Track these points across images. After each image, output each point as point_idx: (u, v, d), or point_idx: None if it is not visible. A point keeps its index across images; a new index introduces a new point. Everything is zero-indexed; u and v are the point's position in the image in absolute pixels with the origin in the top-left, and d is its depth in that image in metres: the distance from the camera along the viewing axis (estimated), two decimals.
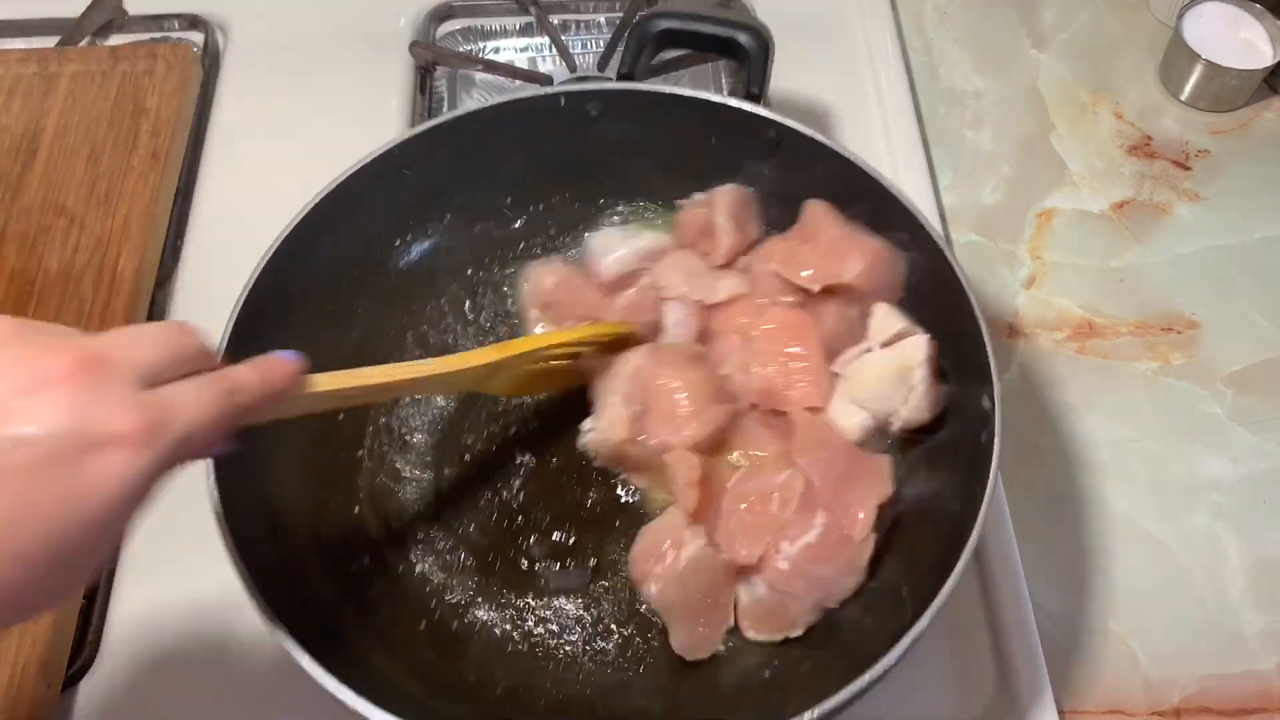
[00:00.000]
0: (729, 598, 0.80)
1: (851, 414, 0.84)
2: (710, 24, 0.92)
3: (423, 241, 0.94)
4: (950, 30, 1.26)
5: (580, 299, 0.92)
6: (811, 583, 0.77)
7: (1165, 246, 1.09)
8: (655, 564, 0.79)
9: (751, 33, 0.91)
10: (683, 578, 0.78)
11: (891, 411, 0.82)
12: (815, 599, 0.78)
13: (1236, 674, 0.86)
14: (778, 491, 0.79)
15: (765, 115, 0.87)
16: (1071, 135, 1.17)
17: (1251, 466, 0.96)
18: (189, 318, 0.98)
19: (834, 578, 0.78)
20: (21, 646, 0.80)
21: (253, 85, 1.18)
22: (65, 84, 1.13)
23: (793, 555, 0.77)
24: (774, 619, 0.79)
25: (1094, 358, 1.02)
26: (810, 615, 0.79)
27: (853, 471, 0.80)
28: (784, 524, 0.78)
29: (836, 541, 0.77)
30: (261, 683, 0.81)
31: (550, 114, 0.91)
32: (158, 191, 1.05)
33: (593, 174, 0.96)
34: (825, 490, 0.79)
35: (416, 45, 1.19)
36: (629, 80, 0.92)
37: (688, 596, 0.78)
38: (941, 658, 0.84)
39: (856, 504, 0.78)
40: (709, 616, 0.79)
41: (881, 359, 0.83)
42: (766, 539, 0.78)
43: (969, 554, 0.68)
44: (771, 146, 0.88)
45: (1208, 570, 0.90)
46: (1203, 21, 1.17)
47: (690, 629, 0.79)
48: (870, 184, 0.84)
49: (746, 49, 0.91)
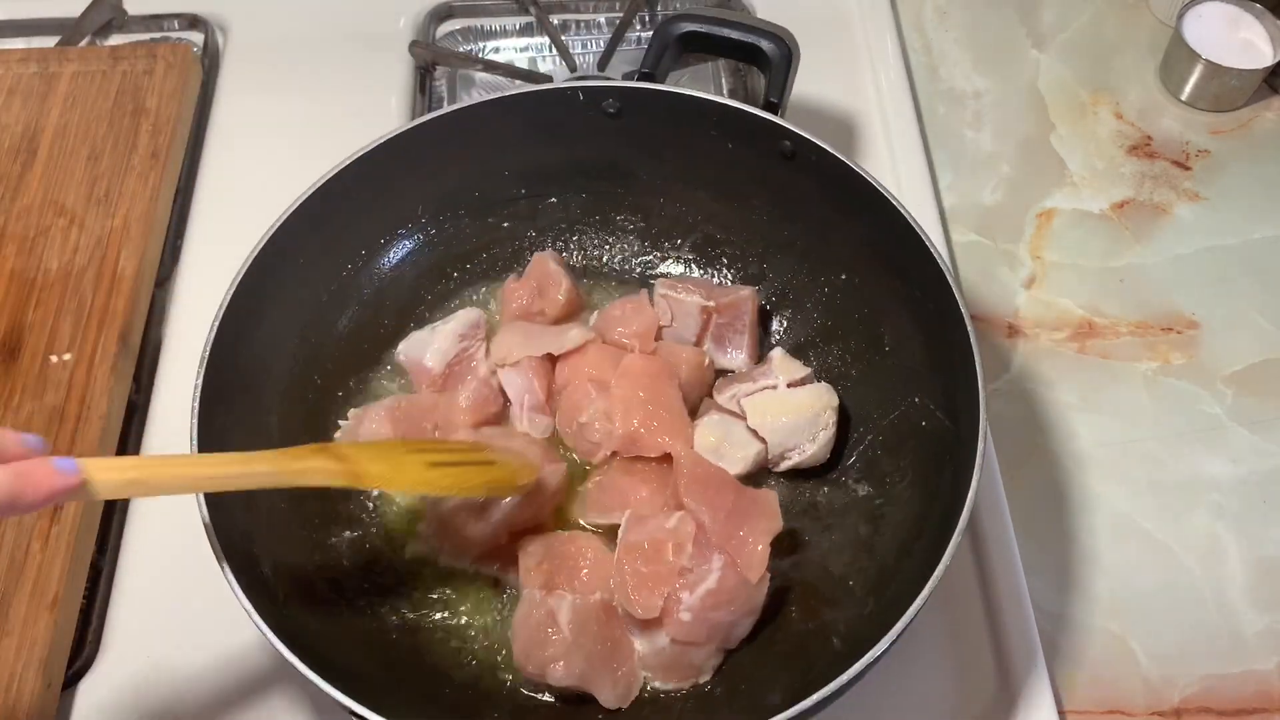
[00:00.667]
0: (623, 629, 0.78)
1: (746, 445, 0.84)
2: (735, 29, 0.91)
3: (415, 237, 0.94)
4: (950, 30, 1.26)
5: (423, 419, 0.88)
6: (713, 629, 0.76)
7: (1165, 246, 1.09)
8: (544, 649, 0.75)
9: (775, 40, 0.90)
10: (577, 643, 0.75)
11: (793, 447, 0.84)
12: (718, 644, 0.77)
13: (1236, 674, 0.86)
14: (670, 538, 0.77)
15: (783, 125, 0.86)
16: (1071, 135, 1.17)
17: (1251, 466, 0.96)
18: (188, 317, 1.01)
19: (735, 621, 0.76)
20: (21, 646, 0.80)
21: (252, 85, 1.18)
22: (65, 84, 1.13)
23: (694, 605, 0.75)
24: (679, 668, 0.77)
25: (1094, 358, 1.02)
26: (714, 659, 0.78)
27: (741, 508, 0.78)
28: (681, 571, 0.75)
29: (735, 585, 0.75)
30: (259, 683, 0.81)
31: (567, 108, 0.90)
32: (157, 191, 1.05)
33: (604, 173, 0.96)
34: (717, 529, 0.77)
35: (416, 45, 1.19)
36: (650, 80, 0.91)
37: (590, 656, 0.76)
38: (941, 658, 0.84)
39: (750, 541, 0.76)
40: (619, 658, 0.77)
41: (791, 397, 0.85)
42: (665, 591, 0.75)
43: (953, 547, 0.68)
44: (786, 156, 0.87)
45: (1208, 570, 0.90)
46: (1203, 21, 1.17)
47: (611, 681, 0.77)
48: (883, 204, 0.82)
49: (769, 56, 0.90)
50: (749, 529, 0.77)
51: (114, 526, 0.90)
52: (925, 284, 0.80)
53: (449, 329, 0.91)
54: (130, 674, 0.83)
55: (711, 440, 0.85)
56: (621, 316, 0.91)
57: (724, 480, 0.81)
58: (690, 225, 0.97)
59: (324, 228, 0.86)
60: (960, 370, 0.76)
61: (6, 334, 0.96)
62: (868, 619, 0.74)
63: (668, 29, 0.92)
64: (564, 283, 0.92)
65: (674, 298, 0.91)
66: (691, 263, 0.99)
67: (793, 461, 0.85)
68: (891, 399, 0.85)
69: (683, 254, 0.99)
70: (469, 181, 0.94)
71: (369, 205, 0.89)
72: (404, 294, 0.95)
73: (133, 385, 0.97)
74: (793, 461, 0.85)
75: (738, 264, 0.97)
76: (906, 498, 0.81)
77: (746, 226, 0.95)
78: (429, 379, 0.90)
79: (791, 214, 0.91)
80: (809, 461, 0.85)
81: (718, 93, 1.19)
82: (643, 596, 0.75)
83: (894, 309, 0.86)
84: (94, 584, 0.88)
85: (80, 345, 0.95)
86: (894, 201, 0.81)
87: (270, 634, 0.66)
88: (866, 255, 0.87)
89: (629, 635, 0.78)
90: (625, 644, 0.78)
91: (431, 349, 0.90)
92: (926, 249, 0.79)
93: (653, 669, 0.78)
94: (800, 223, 0.91)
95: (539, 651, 0.75)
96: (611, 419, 0.84)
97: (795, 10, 1.22)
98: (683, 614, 0.75)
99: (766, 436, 0.84)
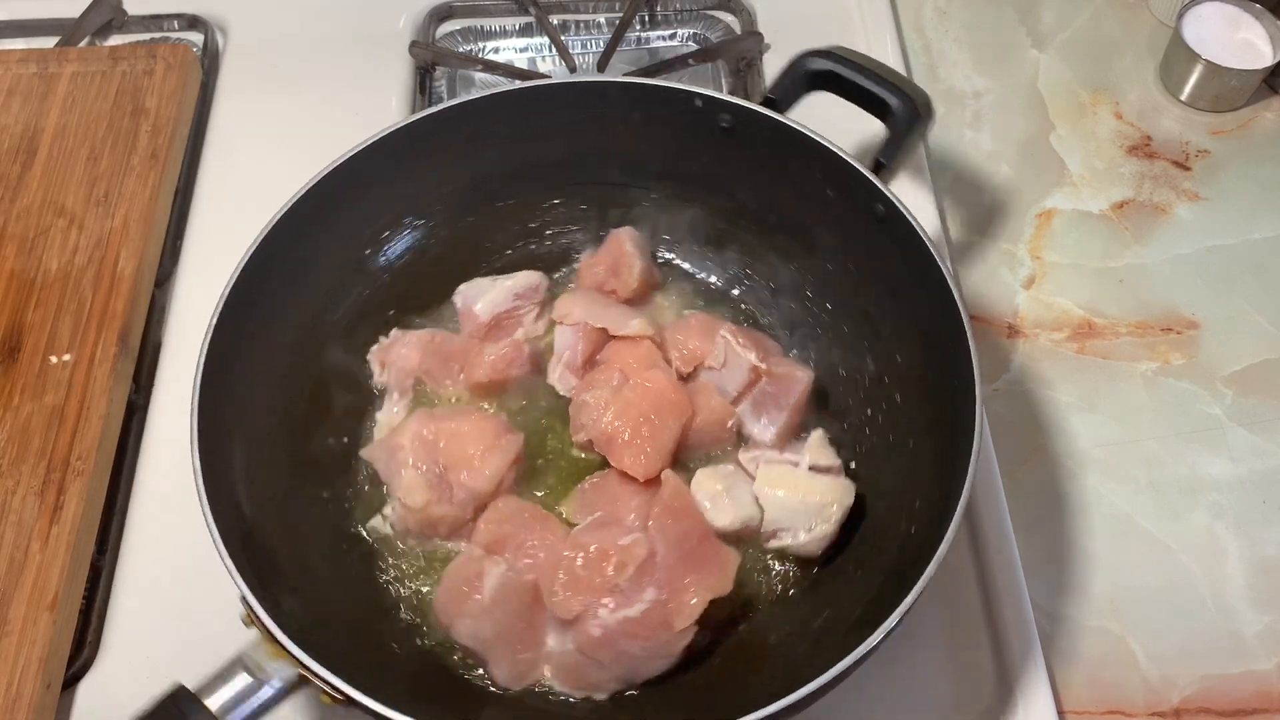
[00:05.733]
0: (543, 618, 0.77)
1: (742, 506, 0.81)
2: (870, 79, 0.86)
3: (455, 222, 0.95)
4: (950, 30, 1.26)
5: (451, 359, 0.90)
6: (619, 656, 0.74)
7: (1165, 246, 1.09)
8: (460, 604, 0.76)
9: (904, 100, 0.85)
10: (491, 611, 0.75)
11: (787, 529, 0.81)
12: (621, 672, 0.76)
13: (1236, 674, 0.86)
14: (618, 554, 0.75)
15: (883, 191, 0.82)
16: (1071, 135, 1.17)
17: (1251, 466, 0.96)
18: (187, 317, 1.01)
19: (644, 658, 0.75)
20: (21, 646, 0.80)
21: (252, 85, 1.18)
22: (65, 84, 1.13)
23: (608, 624, 0.73)
24: (576, 677, 0.76)
25: (1094, 358, 1.02)
26: (615, 685, 0.76)
27: (700, 555, 0.76)
28: (612, 588, 0.74)
29: (657, 624, 0.73)
30: None
31: (681, 111, 0.89)
32: (157, 191, 1.05)
33: (699, 179, 0.94)
34: (665, 564, 0.75)
35: (416, 45, 1.19)
36: (773, 107, 0.88)
37: (499, 628, 0.75)
38: (941, 657, 0.84)
39: (691, 590, 0.74)
40: (527, 642, 0.77)
41: (806, 479, 0.81)
42: (587, 599, 0.74)
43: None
44: (877, 220, 0.83)
45: (1207, 570, 0.90)
46: (1203, 21, 1.17)
47: (511, 660, 0.76)
48: (948, 299, 0.78)
49: (894, 114, 0.85)
50: (696, 579, 0.75)
51: (114, 526, 0.90)
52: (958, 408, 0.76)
53: (508, 284, 0.93)
54: (130, 674, 0.83)
55: (712, 487, 0.82)
56: (687, 328, 0.91)
57: (697, 523, 0.79)
58: (767, 262, 0.95)
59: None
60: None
61: (6, 334, 0.96)
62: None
63: (804, 61, 0.88)
64: (637, 265, 0.92)
65: (732, 346, 0.88)
66: (757, 305, 0.96)
67: (782, 543, 0.81)
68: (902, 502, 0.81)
69: (754, 286, 0.97)
70: (558, 161, 0.94)
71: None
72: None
73: (132, 385, 0.97)
74: (782, 543, 0.81)
75: (795, 325, 0.95)
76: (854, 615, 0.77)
77: (823, 282, 0.92)
78: (474, 325, 0.92)
79: (867, 281, 0.88)
80: (798, 549, 0.81)
81: (716, 89, 1.19)
82: (565, 594, 0.75)
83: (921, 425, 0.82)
84: (94, 584, 0.88)
85: (80, 345, 0.95)
86: (961, 312, 0.77)
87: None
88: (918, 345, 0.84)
89: (545, 626, 0.77)
90: (538, 632, 0.77)
91: (486, 297, 0.92)
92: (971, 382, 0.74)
93: (553, 667, 0.77)
94: (873, 293, 0.88)
95: (454, 604, 0.76)
96: (604, 412, 0.84)
97: (795, 10, 1.22)
98: (593, 628, 0.74)
99: (765, 506, 0.81)
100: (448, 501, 0.82)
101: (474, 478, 0.81)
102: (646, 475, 0.82)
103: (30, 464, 0.89)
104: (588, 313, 0.90)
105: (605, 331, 0.89)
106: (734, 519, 0.81)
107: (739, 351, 0.87)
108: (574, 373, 0.89)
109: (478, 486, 0.81)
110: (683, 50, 1.23)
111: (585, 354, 0.89)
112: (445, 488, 0.82)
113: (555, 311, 0.91)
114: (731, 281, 0.97)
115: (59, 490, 0.88)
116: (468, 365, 0.90)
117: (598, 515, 0.80)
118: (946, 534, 0.68)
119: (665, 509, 0.78)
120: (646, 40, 1.25)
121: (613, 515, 0.81)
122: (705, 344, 0.89)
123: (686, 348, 0.89)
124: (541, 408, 0.91)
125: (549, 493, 0.87)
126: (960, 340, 0.76)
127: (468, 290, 0.93)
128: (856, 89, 0.87)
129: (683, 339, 0.90)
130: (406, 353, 0.89)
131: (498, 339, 0.91)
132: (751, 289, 0.97)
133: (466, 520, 0.82)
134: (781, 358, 0.90)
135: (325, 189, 0.85)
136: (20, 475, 0.89)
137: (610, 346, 0.90)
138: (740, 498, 0.82)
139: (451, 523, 0.82)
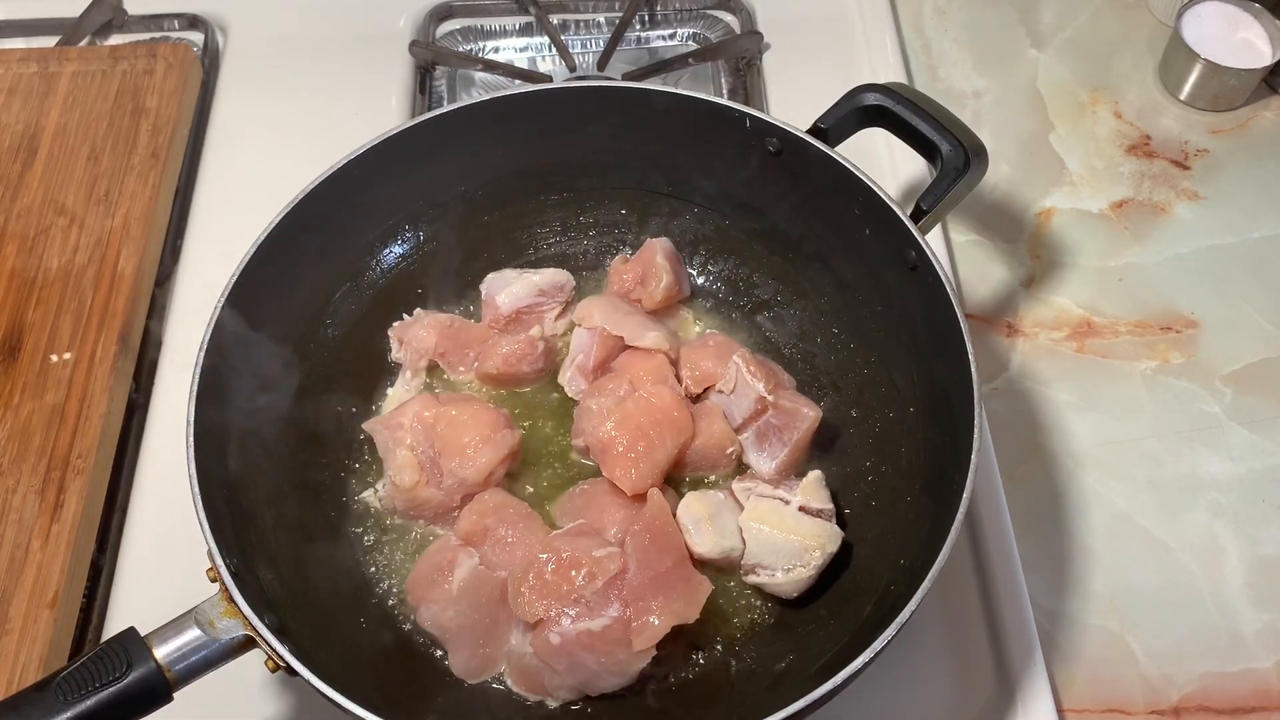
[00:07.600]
0: (509, 615, 0.77)
1: (725, 536, 0.80)
2: (924, 120, 0.84)
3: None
4: (950, 30, 1.27)
5: (467, 346, 0.91)
6: (574, 667, 0.74)
7: (1164, 246, 1.09)
8: (429, 589, 0.76)
9: (956, 146, 0.82)
10: (457, 601, 0.76)
11: (767, 566, 0.80)
12: (574, 683, 0.75)
13: (1235, 673, 0.86)
14: (590, 564, 0.75)
15: (917, 239, 0.80)
16: (1071, 135, 1.17)
17: (1250, 465, 0.96)
18: (188, 317, 1.01)
19: (598, 673, 0.74)
20: (22, 644, 0.81)
21: (252, 85, 1.18)
22: (65, 84, 1.13)
23: (567, 634, 0.73)
24: (531, 680, 0.77)
25: (1093, 357, 1.02)
26: (567, 694, 0.76)
27: (672, 578, 0.76)
28: (577, 598, 0.74)
29: (614, 641, 0.73)
30: (257, 683, 0.81)
31: (727, 127, 0.88)
32: (157, 191, 1.05)
33: (738, 195, 0.94)
34: (635, 582, 0.74)
35: (416, 45, 1.19)
36: (821, 136, 0.87)
37: (462, 619, 0.76)
38: (941, 657, 0.84)
39: (655, 613, 0.73)
40: (489, 637, 0.77)
41: (795, 519, 0.80)
42: (550, 605, 0.74)
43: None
44: (909, 267, 0.81)
45: (1207, 569, 0.90)
46: (1202, 21, 1.17)
47: (471, 651, 0.77)
48: (964, 367, 0.76)
49: (944, 160, 0.82)
50: (663, 602, 0.74)
51: (114, 526, 0.90)
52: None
53: (534, 279, 0.93)
54: None
55: (699, 512, 0.81)
56: (703, 348, 0.91)
57: (675, 545, 0.78)
58: (798, 292, 0.95)
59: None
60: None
61: (6, 333, 0.96)
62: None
63: (860, 95, 0.87)
64: (665, 277, 0.92)
65: (743, 373, 0.87)
66: (781, 334, 0.96)
67: (759, 579, 0.80)
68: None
69: (781, 315, 0.96)
70: (603, 163, 0.95)
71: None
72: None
73: (132, 385, 0.97)
74: (759, 579, 0.80)
75: (815, 360, 0.94)
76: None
77: (849, 321, 0.92)
78: (495, 316, 0.93)
79: (893, 329, 0.87)
80: (774, 588, 0.80)
81: (716, 92, 1.19)
82: (529, 597, 0.75)
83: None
84: (94, 583, 0.88)
85: (80, 345, 0.95)
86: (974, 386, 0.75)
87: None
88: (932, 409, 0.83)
89: (510, 624, 0.78)
90: (503, 629, 0.78)
91: (508, 290, 0.92)
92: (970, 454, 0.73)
93: (510, 665, 0.78)
94: (898, 341, 0.87)
95: (423, 589, 0.78)
96: (605, 420, 0.84)
97: (795, 10, 1.22)
98: (552, 635, 0.73)
99: (747, 540, 0.81)
100: (436, 486, 0.82)
101: (465, 467, 0.82)
102: (634, 490, 0.81)
103: (31, 462, 0.89)
104: (607, 319, 0.90)
105: (621, 340, 0.90)
106: (714, 547, 0.80)
107: (749, 380, 0.86)
108: (584, 376, 0.90)
109: (467, 476, 0.82)
110: (682, 50, 1.23)
111: (598, 359, 0.89)
112: (436, 472, 0.82)
113: (576, 313, 0.92)
114: (759, 307, 0.97)
115: (59, 489, 0.88)
116: (481, 354, 0.90)
117: (580, 522, 0.80)
118: (917, 593, 0.67)
119: (646, 527, 0.78)
120: (646, 40, 1.25)
121: (594, 525, 0.80)
122: (718, 367, 0.88)
123: (700, 368, 0.89)
124: (548, 406, 0.91)
125: (540, 491, 0.87)
126: (967, 410, 0.74)
127: (493, 280, 0.94)
128: (908, 128, 0.85)
129: (697, 358, 0.90)
130: (424, 334, 0.91)
131: (515, 332, 0.92)
132: (778, 318, 0.96)
133: (453, 507, 0.83)
134: (793, 392, 0.89)
135: (349, 174, 0.86)
136: (21, 474, 0.89)
137: (624, 356, 0.90)
138: (725, 527, 0.81)
139: (437, 507, 0.83)
